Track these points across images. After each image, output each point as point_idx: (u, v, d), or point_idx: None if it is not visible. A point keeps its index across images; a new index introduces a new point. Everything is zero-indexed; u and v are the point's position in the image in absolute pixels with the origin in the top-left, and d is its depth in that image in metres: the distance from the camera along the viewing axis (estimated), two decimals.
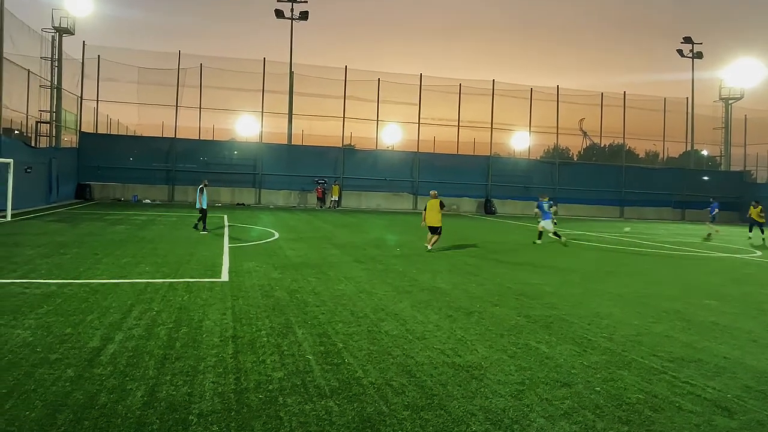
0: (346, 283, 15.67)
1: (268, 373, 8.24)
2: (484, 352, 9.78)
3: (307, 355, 9.12)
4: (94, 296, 12.60)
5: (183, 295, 13.10)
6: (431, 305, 13.33)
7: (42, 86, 47.00)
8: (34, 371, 7.83)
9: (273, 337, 10.06)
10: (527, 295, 15.20)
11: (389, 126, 64.52)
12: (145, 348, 9.05)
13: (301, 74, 60.64)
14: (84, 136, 54.92)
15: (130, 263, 17.36)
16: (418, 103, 62.55)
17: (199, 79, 57.78)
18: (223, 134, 63.07)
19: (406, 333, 10.73)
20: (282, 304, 12.68)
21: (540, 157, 71.62)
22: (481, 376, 8.55)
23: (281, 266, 18.12)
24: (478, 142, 66.91)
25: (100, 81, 55.30)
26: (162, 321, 10.71)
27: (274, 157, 59.01)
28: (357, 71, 61.18)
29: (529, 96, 65.26)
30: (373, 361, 8.99)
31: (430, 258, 21.65)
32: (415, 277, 17.14)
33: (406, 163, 62.16)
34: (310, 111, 61.90)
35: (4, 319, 10.35)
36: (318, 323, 11.14)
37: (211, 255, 19.84)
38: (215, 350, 9.13)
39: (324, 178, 58.70)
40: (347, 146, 62.77)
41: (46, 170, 42.35)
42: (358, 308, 12.67)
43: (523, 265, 21.10)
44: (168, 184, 55.83)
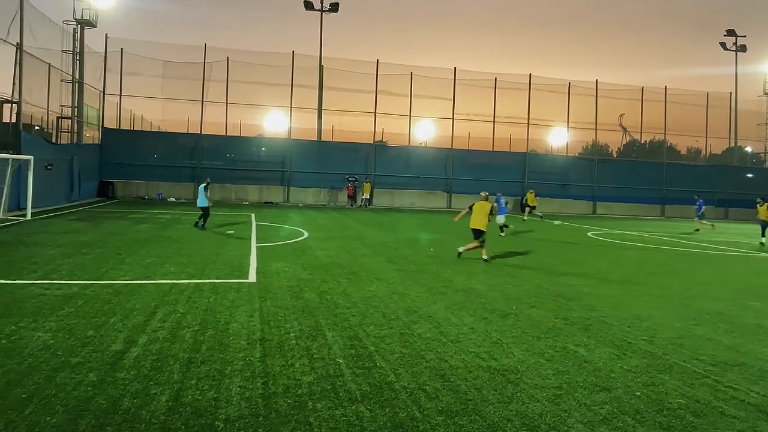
0: (378, 284, 15.71)
1: (297, 377, 8.26)
2: (521, 355, 9.79)
3: (338, 359, 9.14)
4: (117, 298, 12.69)
5: (209, 297, 13.16)
6: (466, 307, 13.36)
7: (63, 80, 47.21)
8: (55, 375, 7.89)
9: (302, 339, 10.09)
10: (565, 296, 15.22)
11: (422, 121, 64.11)
12: (170, 351, 9.11)
13: (331, 68, 60.49)
14: (106, 132, 55.31)
15: (154, 263, 17.48)
16: (452, 98, 62.12)
17: (225, 73, 57.71)
18: (251, 130, 63.21)
19: (439, 336, 10.74)
20: (311, 306, 12.72)
21: (578, 153, 71.27)
22: (518, 380, 8.56)
23: (311, 267, 18.16)
24: (514, 139, 66.67)
25: (123, 75, 55.57)
26: (187, 323, 10.78)
27: (303, 153, 58.91)
28: (389, 65, 60.98)
29: (567, 90, 64.67)
30: (405, 365, 9.00)
31: (464, 259, 21.55)
32: (450, 278, 17.15)
33: (439, 159, 61.82)
34: (340, 106, 61.88)
35: (24, 321, 10.46)
36: (348, 326, 11.17)
37: (238, 255, 19.92)
38: (242, 353, 9.17)
39: (355, 176, 58.51)
40: (379, 142, 62.67)
41: (67, 167, 42.66)
42: (390, 310, 12.69)
43: (561, 266, 21.04)
44: (193, 181, 55.62)
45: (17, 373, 7.92)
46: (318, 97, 60.77)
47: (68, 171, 42.93)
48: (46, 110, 43.46)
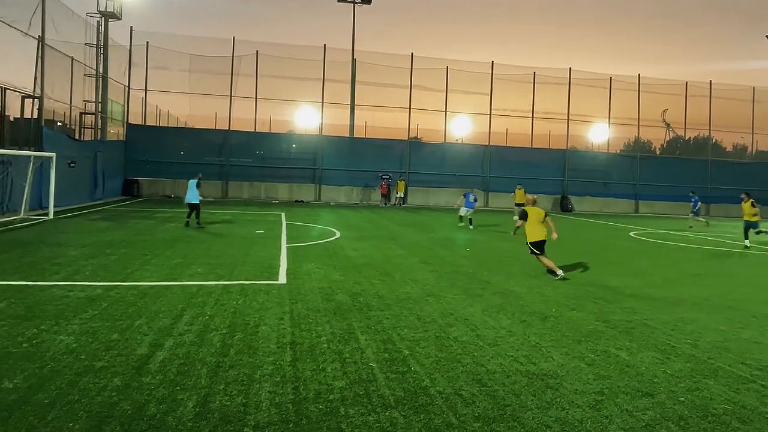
0: (413, 286, 15.71)
1: (329, 382, 8.27)
2: (560, 359, 9.78)
3: (371, 363, 9.15)
4: (143, 300, 12.77)
5: (237, 299, 13.21)
6: (504, 309, 13.36)
7: (87, 75, 47.62)
8: (78, 380, 7.94)
9: (334, 343, 10.11)
10: (606, 298, 15.17)
11: (458, 117, 63.90)
12: (197, 355, 9.15)
13: (364, 62, 60.47)
14: (131, 128, 55.67)
15: (181, 264, 17.58)
16: (489, 93, 61.90)
17: (255, 67, 57.89)
18: (281, 126, 63.33)
19: (476, 339, 10.74)
20: (344, 308, 12.74)
21: (620, 150, 70.98)
22: (557, 385, 8.56)
23: (343, 267, 18.19)
24: (553, 135, 66.51)
25: (148, 69, 55.85)
26: (215, 326, 10.82)
27: (335, 150, 59.01)
28: (424, 58, 60.77)
29: (608, 85, 64.31)
30: (441, 369, 9.00)
31: (502, 259, 21.63)
32: (487, 280, 17.13)
33: (476, 157, 61.72)
34: (373, 101, 61.72)
35: (46, 324, 10.54)
36: (382, 329, 11.19)
37: (267, 255, 19.99)
38: (272, 357, 9.19)
39: (389, 173, 58.57)
40: (413, 139, 62.65)
41: (90, 165, 43.05)
42: (425, 313, 12.69)
43: (602, 267, 20.98)
44: (221, 179, 56.24)
45: (39, 377, 7.98)
46: (350, 92, 60.78)
47: (92, 168, 43.32)
48: (68, 106, 43.80)
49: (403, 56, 60.18)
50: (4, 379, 7.87)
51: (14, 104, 34.03)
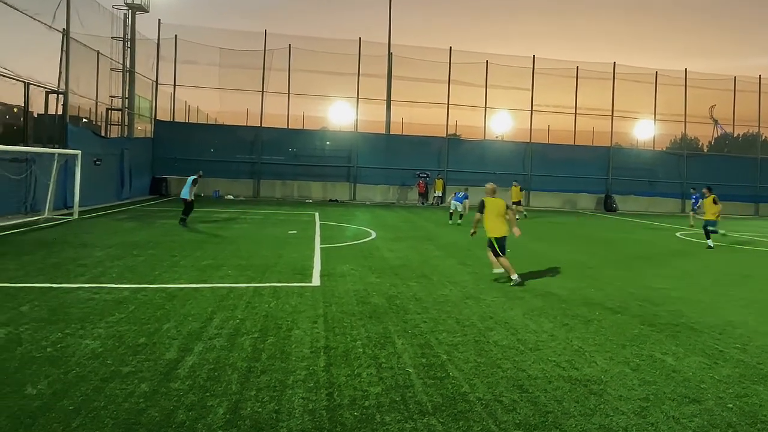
0: (451, 288, 15.72)
1: (364, 387, 8.28)
2: (604, 364, 9.78)
3: (408, 368, 9.16)
4: (171, 303, 12.84)
5: (269, 302, 13.25)
6: (545, 312, 13.36)
7: (113, 69, 48.02)
8: (104, 386, 7.98)
9: (369, 348, 10.12)
10: (651, 300, 15.15)
11: (498, 113, 63.78)
12: (228, 360, 9.17)
13: (400, 56, 60.41)
14: (159, 124, 56.19)
15: (210, 266, 17.64)
16: (530, 88, 61.84)
17: (287, 61, 58.08)
18: (314, 123, 63.61)
19: (517, 343, 10.74)
20: (379, 312, 12.75)
21: (666, 147, 70.45)
22: (601, 391, 8.55)
23: (379, 269, 18.21)
24: (597, 132, 66.28)
25: (177, 63, 56.35)
26: (246, 330, 10.85)
27: (370, 148, 59.05)
28: (462, 52, 60.73)
29: (653, 80, 63.93)
30: (480, 375, 9.00)
31: (542, 261, 21.55)
32: (528, 282, 17.06)
33: (517, 154, 61.62)
34: (410, 97, 61.78)
35: (71, 328, 10.61)
36: (419, 332, 11.19)
37: (300, 257, 20.02)
38: (305, 362, 9.20)
39: (426, 172, 58.50)
40: (452, 136, 62.54)
41: (117, 163, 43.44)
42: (464, 316, 12.70)
43: (647, 268, 20.97)
44: (253, 178, 56.60)
45: (64, 383, 8.02)
46: (387, 87, 60.80)
47: (118, 167, 43.69)
48: (94, 101, 44.22)
49: (441, 50, 60.21)
50: (27, 384, 7.92)
51: (38, 100, 34.36)
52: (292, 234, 26.52)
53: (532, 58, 61.54)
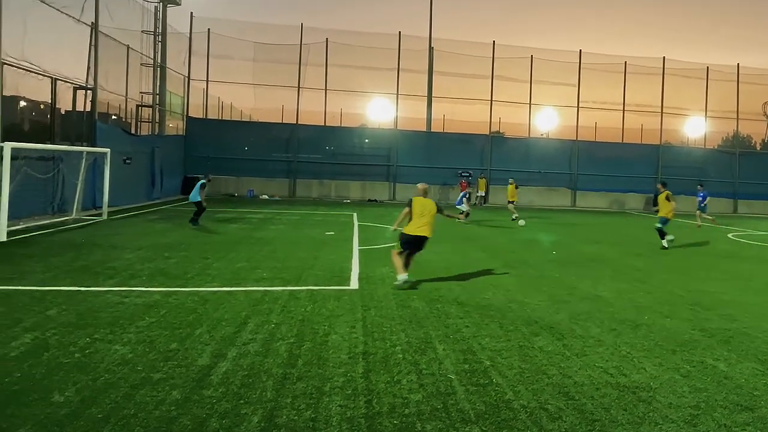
0: (494, 292, 15.75)
1: (404, 395, 8.29)
2: (653, 370, 9.78)
3: (449, 375, 9.17)
4: (204, 306, 12.91)
5: (306, 305, 13.29)
6: (592, 317, 13.39)
7: (143, 64, 48.18)
8: (134, 393, 8.03)
9: (410, 353, 10.13)
10: (702, 304, 15.13)
11: (543, 110, 63.72)
12: (262, 366, 9.20)
13: (442, 50, 60.22)
14: (192, 121, 56.45)
15: (244, 268, 17.75)
16: (576, 84, 61.59)
17: (324, 56, 58.07)
18: (352, 120, 63.63)
19: (563, 349, 10.78)
20: (420, 316, 12.78)
21: (717, 146, 69.87)
22: (650, 398, 8.57)
23: (419, 272, 18.08)
24: (645, 129, 65.98)
25: (210, 58, 56.51)
26: (282, 335, 10.88)
27: (410, 146, 58.93)
28: (506, 47, 60.53)
29: (704, 76, 63.33)
30: (525, 382, 9.03)
31: (589, 263, 21.60)
32: (574, 285, 17.17)
33: (563, 153, 61.42)
34: (452, 93, 61.17)
35: (100, 333, 10.69)
36: (462, 338, 11.22)
37: (338, 259, 20.08)
38: (343, 369, 9.22)
39: (469, 171, 58.19)
40: (495, 133, 62.38)
41: (147, 161, 43.74)
42: (508, 320, 12.73)
43: (697, 270, 21.01)
44: (289, 177, 56.74)
45: (92, 390, 8.08)
46: (427, 83, 60.64)
47: (149, 165, 44.00)
48: (124, 97, 44.47)
49: (484, 44, 59.89)
50: (54, 391, 7.98)
51: (66, 96, 34.68)
52: (329, 235, 26.62)
53: (579, 53, 61.24)
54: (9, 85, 28.13)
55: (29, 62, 29.22)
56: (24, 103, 36.80)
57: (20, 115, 37.10)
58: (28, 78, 29.76)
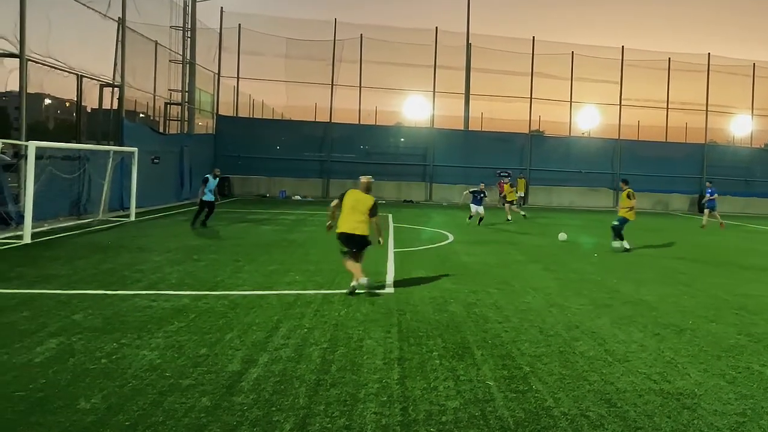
0: (534, 295, 15.80)
1: (441, 402, 8.29)
2: (698, 376, 9.77)
3: (488, 381, 9.18)
4: (234, 311, 12.96)
5: (339, 310, 13.34)
6: (635, 321, 13.40)
7: (172, 61, 48.44)
8: (162, 400, 8.06)
9: (447, 359, 10.15)
10: (749, 309, 15.13)
11: (585, 108, 63.72)
12: (295, 372, 9.22)
13: (480, 47, 60.12)
14: (222, 120, 56.75)
15: (276, 271, 17.85)
16: (619, 81, 61.52)
17: (358, 52, 58.24)
18: (387, 118, 63.68)
19: (604, 354, 10.79)
20: (457, 321, 12.79)
21: (764, 145, 69.38)
22: (695, 405, 8.56)
23: (456, 275, 18.25)
24: (690, 128, 65.66)
25: (240, 54, 56.84)
26: (315, 340, 10.90)
27: (448, 145, 58.96)
28: (546, 43, 60.60)
29: (751, 72, 63.01)
30: (565, 388, 9.03)
31: (632, 266, 21.58)
32: (616, 288, 17.22)
33: (605, 152, 61.24)
34: (490, 90, 61.32)
35: (127, 337, 10.75)
36: (500, 343, 11.23)
37: (372, 262, 19.93)
38: (378, 375, 9.24)
39: (508, 171, 57.57)
40: (535, 132, 62.37)
41: (176, 161, 44.03)
42: (548, 325, 12.75)
43: (744, 273, 21.00)
44: (322, 177, 56.95)
45: (119, 397, 8.12)
46: (465, 80, 60.63)
47: (177, 165, 44.27)
48: (152, 95, 44.74)
49: (523, 40, 59.91)
50: (80, 398, 8.02)
51: (92, 94, 34.94)
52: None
53: (621, 49, 61.15)
54: (33, 83, 28.29)
55: (54, 59, 29.45)
56: (49, 101, 37.16)
57: (45, 113, 37.49)
58: (53, 75, 29.97)
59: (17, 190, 25.96)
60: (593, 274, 19.43)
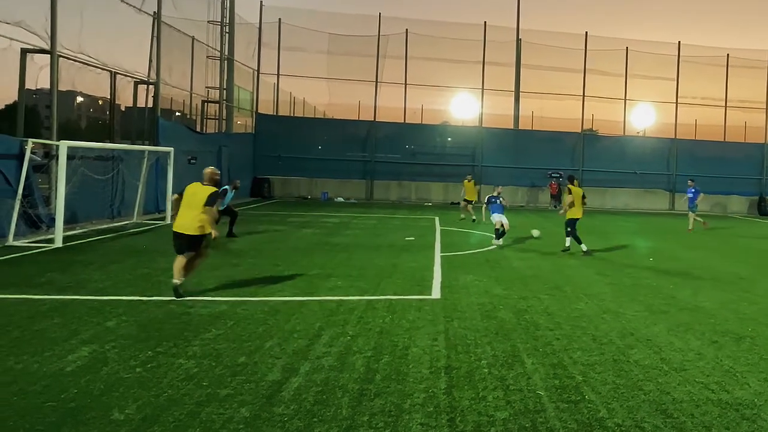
0: (587, 301, 15.75)
1: (490, 412, 8.30)
2: (758, 386, 9.73)
3: (538, 391, 9.18)
4: (274, 317, 13.00)
5: (384, 316, 13.34)
6: (692, 328, 13.37)
7: (209, 57, 48.80)
8: (199, 410, 8.10)
9: (496, 368, 10.15)
10: None
11: (639, 106, 63.46)
12: (338, 382, 9.23)
13: (530, 42, 59.97)
14: (261, 118, 56.93)
15: (318, 276, 17.86)
16: (675, 78, 61.08)
17: (404, 48, 58.15)
18: (434, 117, 63.74)
19: (660, 363, 10.76)
20: (507, 328, 12.80)
21: None
22: (754, 416, 8.53)
23: (506, 280, 18.26)
24: (749, 127, 65.08)
25: (281, 51, 56.94)
26: (358, 348, 10.92)
27: (497, 144, 58.72)
28: (600, 38, 60.38)
29: None
30: (619, 398, 9.03)
31: (689, 270, 21.50)
32: (672, 294, 17.15)
33: (660, 152, 60.84)
34: (541, 88, 61.29)
35: (162, 346, 10.82)
36: (552, 351, 11.23)
37: (419, 266, 20.10)
38: (424, 384, 9.23)
39: (559, 171, 57.03)
40: (587, 131, 62.21)
41: (214, 161, 43.61)
42: (602, 332, 12.74)
43: None
44: (365, 178, 56.97)
45: (154, 407, 8.17)
46: (515, 77, 60.53)
47: (215, 165, 43.91)
48: (188, 93, 45.02)
49: (575, 36, 59.77)
50: (114, 409, 8.07)
51: (126, 91, 35.28)
52: (409, 241, 26.70)
53: (677, 45, 60.73)
54: (65, 80, 28.50)
55: (86, 55, 29.67)
56: (81, 99, 37.33)
57: (77, 112, 37.73)
58: (85, 72, 30.23)
59: (48, 192, 26.17)
60: (649, 279, 19.37)
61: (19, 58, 26.06)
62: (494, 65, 59.45)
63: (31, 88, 28.08)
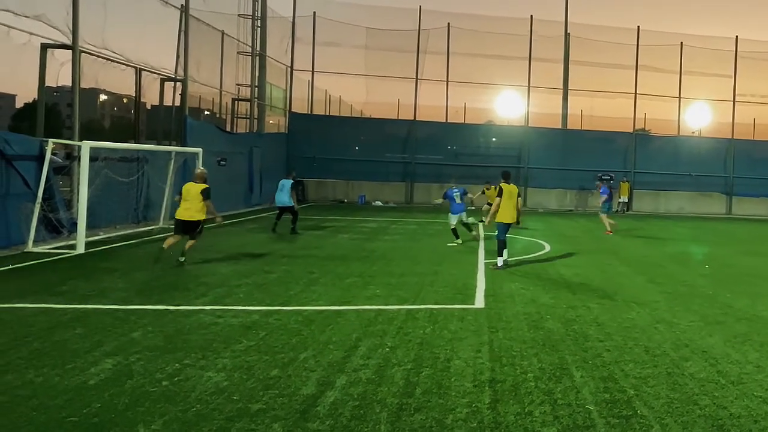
0: (639, 311, 15.71)
1: (537, 428, 8.31)
2: None
3: (588, 405, 9.18)
4: (309, 328, 13.01)
5: (425, 327, 13.32)
6: (750, 339, 13.33)
7: (240, 53, 48.73)
8: (229, 426, 8.13)
9: (543, 381, 10.14)
10: None
11: (695, 105, 63.24)
12: (376, 396, 9.24)
13: (579, 37, 59.84)
14: (295, 117, 57.00)
15: (355, 284, 17.88)
16: (732, 75, 60.77)
17: (445, 43, 58.19)
18: (477, 116, 63.72)
19: (717, 376, 10.72)
20: (554, 339, 12.79)
21: None
22: None
23: (553, 288, 18.24)
24: None
25: (316, 46, 56.95)
26: (397, 360, 10.92)
27: (544, 145, 58.58)
28: (652, 33, 60.11)
29: None
30: (673, 413, 9.01)
31: (747, 278, 21.38)
32: (729, 303, 17.06)
33: (717, 153, 60.41)
34: (591, 85, 61.22)
35: (191, 357, 10.86)
36: (602, 363, 11.21)
37: (461, 274, 20.08)
38: (467, 398, 9.23)
39: (610, 174, 57.03)
40: (640, 131, 62.03)
41: (245, 163, 44.32)
42: (655, 343, 12.71)
43: None
44: (405, 180, 57.02)
45: (182, 422, 8.21)
46: (563, 74, 60.49)
47: (246, 167, 44.60)
48: (218, 90, 45.18)
49: (627, 30, 59.60)
50: (139, 424, 8.13)
51: (152, 89, 35.46)
52: (451, 247, 26.64)
53: (735, 40, 60.37)
54: (87, 77, 28.68)
55: (110, 50, 29.84)
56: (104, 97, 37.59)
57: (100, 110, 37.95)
58: (108, 68, 30.38)
59: (69, 195, 26.37)
60: (704, 288, 19.29)
61: (39, 54, 26.22)
62: (541, 61, 59.36)
63: (51, 85, 28.36)
